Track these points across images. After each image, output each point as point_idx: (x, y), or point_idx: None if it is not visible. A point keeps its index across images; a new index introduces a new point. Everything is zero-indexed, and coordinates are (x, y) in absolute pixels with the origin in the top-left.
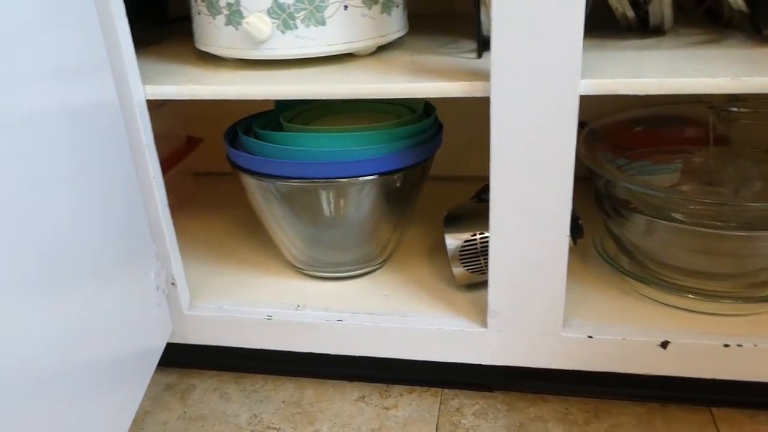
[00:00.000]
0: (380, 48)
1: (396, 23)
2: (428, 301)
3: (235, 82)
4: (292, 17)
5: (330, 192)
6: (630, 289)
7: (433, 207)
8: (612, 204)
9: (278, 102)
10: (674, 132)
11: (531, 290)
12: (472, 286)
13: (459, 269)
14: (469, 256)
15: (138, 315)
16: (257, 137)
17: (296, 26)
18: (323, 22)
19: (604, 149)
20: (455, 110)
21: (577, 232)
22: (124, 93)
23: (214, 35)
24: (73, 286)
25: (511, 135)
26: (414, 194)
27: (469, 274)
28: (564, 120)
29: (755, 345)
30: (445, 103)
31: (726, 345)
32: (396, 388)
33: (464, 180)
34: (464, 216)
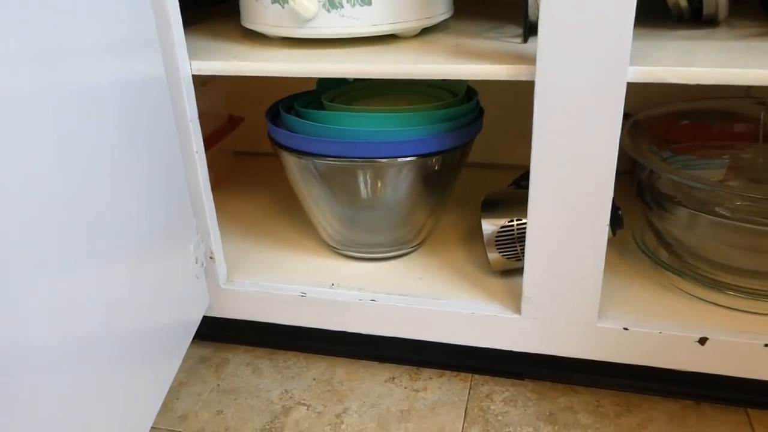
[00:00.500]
0: (424, 30)
1: (441, 6)
2: (462, 286)
3: (280, 60)
4: None
5: (368, 172)
6: (668, 284)
7: (470, 193)
8: (654, 196)
9: (320, 82)
10: (722, 127)
11: (567, 279)
12: (507, 273)
13: (494, 255)
14: (505, 242)
15: (177, 287)
16: (298, 116)
17: (342, 5)
18: (369, 2)
19: (649, 141)
20: (497, 98)
21: (617, 223)
22: (172, 68)
23: (261, 13)
24: (119, 256)
25: (554, 120)
26: (452, 179)
27: (505, 260)
28: (610, 107)
29: None
30: (488, 90)
31: (766, 345)
32: (426, 371)
33: (502, 168)
34: (502, 202)
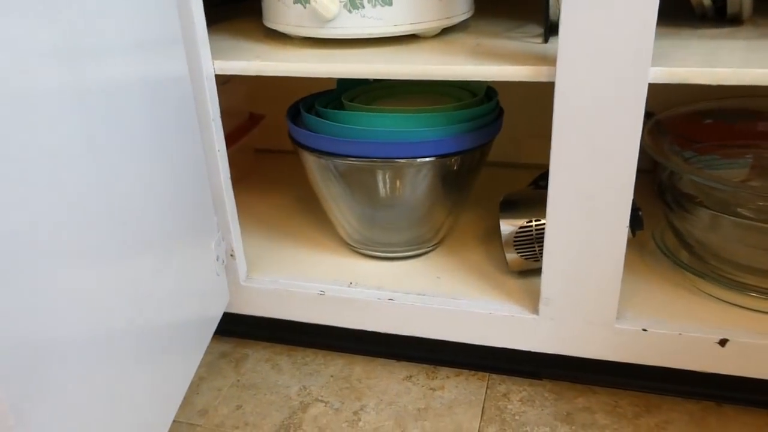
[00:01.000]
0: (445, 30)
1: (462, 5)
2: (480, 286)
3: (302, 60)
4: None
5: (387, 172)
6: (688, 285)
7: (489, 193)
8: (675, 197)
9: (340, 82)
10: (746, 126)
11: (585, 280)
12: (525, 273)
13: (512, 255)
14: (524, 243)
15: (199, 283)
16: (318, 115)
17: (363, 6)
18: (390, 3)
19: (671, 141)
20: (517, 97)
21: (637, 224)
22: (195, 67)
23: (283, 13)
24: (143, 252)
25: (574, 121)
26: (471, 179)
27: (523, 261)
28: (630, 108)
29: None
30: (508, 90)
31: None
32: (443, 370)
33: (522, 167)
34: (520, 202)
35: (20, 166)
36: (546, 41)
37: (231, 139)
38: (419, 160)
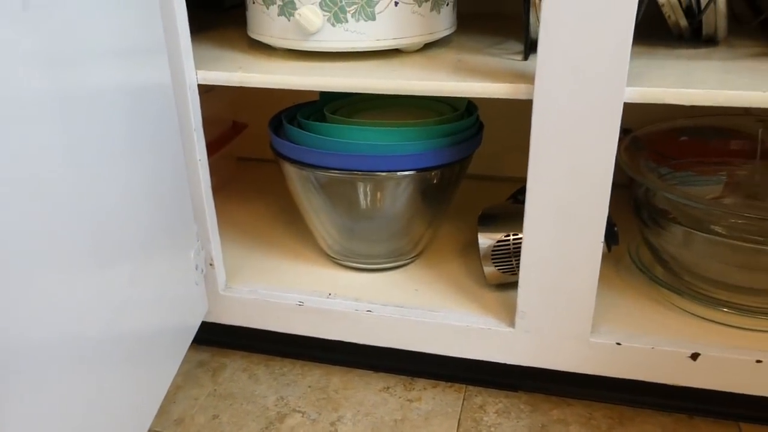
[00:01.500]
0: (428, 45)
1: (445, 21)
2: (458, 298)
3: (284, 72)
4: (343, 11)
5: (367, 185)
6: (662, 299)
7: (469, 205)
8: (650, 213)
9: (323, 93)
10: (720, 144)
11: (561, 294)
12: (502, 286)
13: (490, 268)
14: (501, 256)
15: (177, 292)
16: (301, 127)
17: (347, 20)
18: (373, 17)
19: (647, 157)
20: (498, 111)
21: (612, 239)
22: (178, 76)
23: (267, 25)
24: (121, 260)
25: (552, 138)
26: (450, 192)
27: (500, 274)
28: (606, 127)
29: None
30: (488, 103)
31: (758, 361)
32: (420, 382)
33: (501, 180)
34: (499, 216)
35: None
36: (526, 58)
37: (213, 147)
38: (400, 174)
